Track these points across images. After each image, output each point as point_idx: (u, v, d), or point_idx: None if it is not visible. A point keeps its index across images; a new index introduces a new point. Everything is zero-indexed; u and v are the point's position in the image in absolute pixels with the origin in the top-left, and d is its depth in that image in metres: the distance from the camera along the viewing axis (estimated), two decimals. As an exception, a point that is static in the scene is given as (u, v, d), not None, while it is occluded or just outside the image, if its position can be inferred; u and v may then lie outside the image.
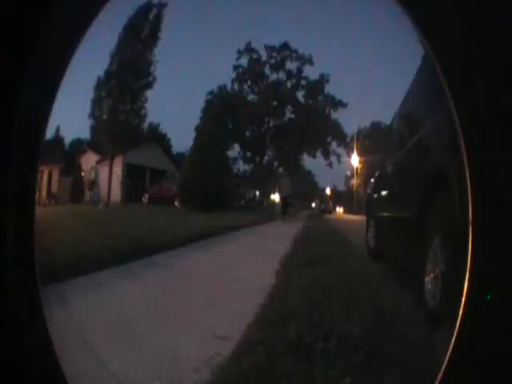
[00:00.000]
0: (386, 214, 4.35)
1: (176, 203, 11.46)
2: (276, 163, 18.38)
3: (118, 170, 11.48)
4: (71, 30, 0.82)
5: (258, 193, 19.11)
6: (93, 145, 12.24)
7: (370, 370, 1.47)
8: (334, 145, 16.91)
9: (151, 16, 10.30)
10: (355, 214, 17.70)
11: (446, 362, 0.75)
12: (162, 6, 10.34)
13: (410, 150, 3.20)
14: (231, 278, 3.39)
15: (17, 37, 0.74)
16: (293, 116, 16.94)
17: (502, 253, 0.73)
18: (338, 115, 16.65)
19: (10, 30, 0.73)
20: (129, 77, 10.44)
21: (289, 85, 17.06)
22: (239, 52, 16.74)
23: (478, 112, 0.76)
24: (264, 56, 17.01)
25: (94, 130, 10.79)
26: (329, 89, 16.65)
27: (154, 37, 10.44)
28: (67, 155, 12.25)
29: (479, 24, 0.75)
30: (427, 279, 2.31)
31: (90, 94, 10.18)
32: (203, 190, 9.63)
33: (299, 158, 17.56)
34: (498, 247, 0.74)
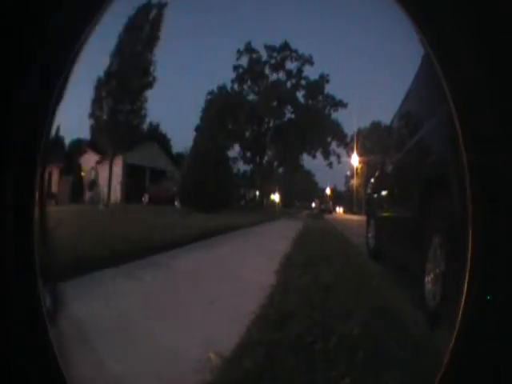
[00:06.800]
0: (386, 214, 4.35)
1: (176, 203, 11.46)
2: (276, 163, 18.36)
3: (117, 169, 11.48)
4: (71, 30, 0.82)
5: (257, 193, 19.09)
6: (93, 145, 12.23)
7: (370, 370, 1.47)
8: (333, 145, 16.89)
9: (151, 16, 10.30)
10: (355, 214, 17.70)
11: (445, 362, 0.75)
12: (161, 6, 10.34)
13: (410, 150, 3.20)
14: (231, 278, 3.39)
15: (17, 37, 0.74)
16: (293, 116, 16.93)
17: (501, 253, 0.73)
18: (337, 115, 16.64)
19: (11, 30, 0.73)
20: (129, 77, 10.43)
21: (289, 85, 17.04)
22: (239, 52, 16.73)
23: (477, 112, 0.76)
24: (264, 56, 17.00)
25: (94, 129, 10.78)
26: (329, 89, 16.64)
27: (153, 37, 10.44)
28: (67, 155, 12.25)
29: (479, 24, 0.75)
30: (427, 279, 2.31)
31: (90, 94, 10.17)
32: (203, 189, 9.62)
33: (299, 157, 17.53)
34: (497, 247, 0.74)
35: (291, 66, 16.81)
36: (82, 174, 12.45)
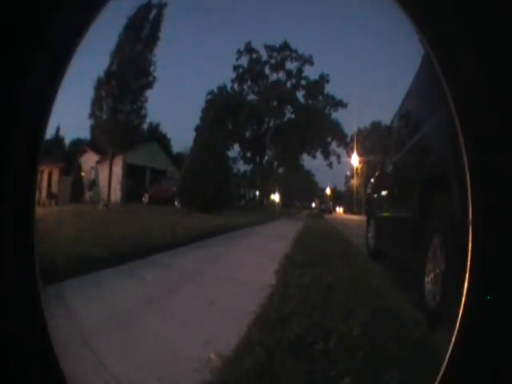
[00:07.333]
0: (385, 214, 4.35)
1: (176, 203, 11.46)
2: (276, 163, 18.38)
3: (117, 169, 11.47)
4: (71, 30, 0.82)
5: (257, 193, 19.11)
6: (93, 145, 12.23)
7: (370, 370, 1.47)
8: (334, 145, 16.90)
9: (151, 16, 10.30)
10: (355, 214, 17.70)
11: (445, 362, 0.75)
12: (161, 6, 10.33)
13: (410, 150, 3.20)
14: (231, 278, 3.39)
15: (17, 37, 0.74)
16: (293, 116, 16.94)
17: (501, 253, 0.73)
18: (337, 115, 16.66)
19: (11, 30, 0.73)
20: (129, 77, 10.43)
21: (289, 85, 17.06)
22: (239, 52, 16.75)
23: (477, 112, 0.76)
24: (264, 56, 17.02)
25: (94, 130, 10.77)
26: (329, 89, 16.66)
27: (154, 37, 10.43)
28: (67, 155, 12.25)
29: (479, 24, 0.75)
30: (427, 279, 2.31)
31: (90, 94, 10.17)
32: (203, 189, 9.63)
33: (299, 157, 17.54)
34: (497, 247, 0.74)
35: (291, 66, 16.83)
36: (82, 174, 12.44)
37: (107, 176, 11.11)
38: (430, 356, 1.38)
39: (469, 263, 0.75)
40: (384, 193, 4.51)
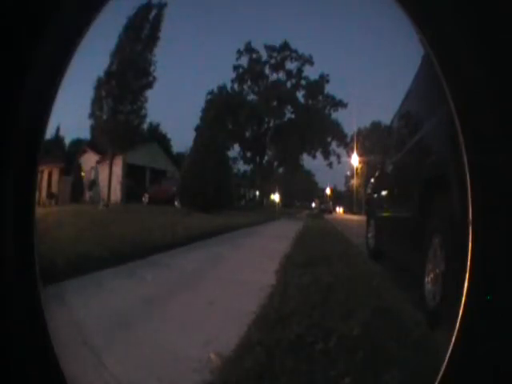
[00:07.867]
0: (386, 214, 4.35)
1: (176, 203, 11.46)
2: (276, 163, 18.39)
3: (117, 169, 11.47)
4: (71, 30, 0.82)
5: (257, 193, 19.12)
6: (93, 145, 12.24)
7: (370, 370, 1.47)
8: (334, 145, 16.92)
9: (151, 16, 10.31)
10: (355, 214, 17.71)
11: (445, 362, 0.75)
12: (161, 6, 10.34)
13: (410, 150, 3.20)
14: (231, 278, 3.39)
15: (17, 37, 0.74)
16: (293, 116, 16.96)
17: (501, 253, 0.73)
18: (337, 115, 16.68)
19: (11, 30, 0.73)
20: (129, 77, 10.44)
21: (289, 85, 17.08)
22: (239, 52, 16.77)
23: (477, 112, 0.76)
24: (264, 56, 17.05)
25: (94, 130, 10.78)
26: (329, 89, 16.69)
27: (154, 37, 10.44)
28: (67, 155, 12.26)
29: (479, 24, 0.75)
30: (427, 279, 2.31)
31: (90, 94, 10.18)
32: (203, 189, 9.64)
33: (299, 157, 17.56)
34: (497, 247, 0.74)
35: (291, 66, 16.86)
36: (82, 174, 12.45)
37: (107, 176, 11.11)
38: (430, 356, 1.38)
39: (469, 263, 0.75)
40: (384, 193, 4.52)
